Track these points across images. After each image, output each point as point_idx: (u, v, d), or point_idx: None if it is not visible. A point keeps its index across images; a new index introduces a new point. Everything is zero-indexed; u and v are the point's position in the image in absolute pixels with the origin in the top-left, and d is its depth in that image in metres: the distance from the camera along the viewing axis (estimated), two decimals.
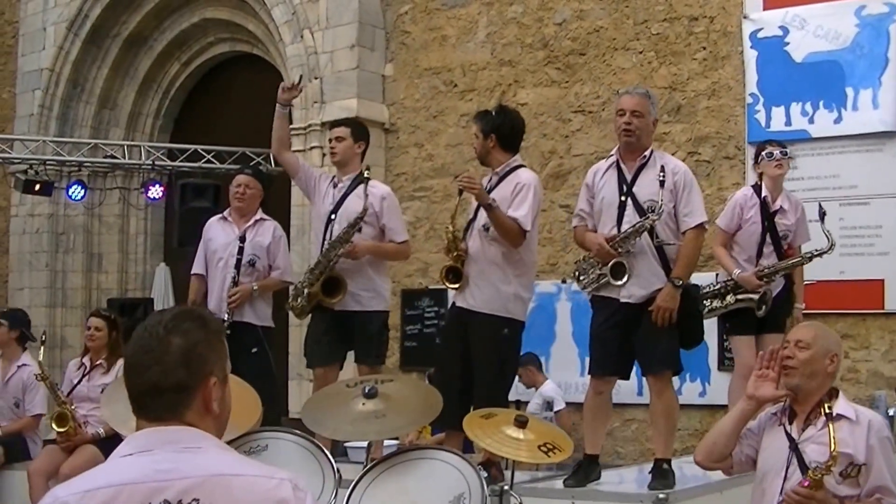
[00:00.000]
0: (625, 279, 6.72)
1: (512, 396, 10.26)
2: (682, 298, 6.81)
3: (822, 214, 8.04)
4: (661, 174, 6.71)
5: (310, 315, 8.03)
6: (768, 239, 8.05)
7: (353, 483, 4.96)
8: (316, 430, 5.20)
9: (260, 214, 8.67)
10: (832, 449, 4.41)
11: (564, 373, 11.81)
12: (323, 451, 5.09)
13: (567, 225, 10.66)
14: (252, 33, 15.52)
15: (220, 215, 8.81)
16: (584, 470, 6.83)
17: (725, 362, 10.88)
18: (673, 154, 11.44)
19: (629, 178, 6.85)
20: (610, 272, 6.77)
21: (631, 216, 6.76)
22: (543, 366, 11.90)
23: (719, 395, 10.09)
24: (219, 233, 8.61)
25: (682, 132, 11.82)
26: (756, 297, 7.97)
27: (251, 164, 14.14)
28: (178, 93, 17.03)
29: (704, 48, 11.82)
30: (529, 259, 7.34)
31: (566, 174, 12.45)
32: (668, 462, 6.67)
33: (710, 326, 8.55)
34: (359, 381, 5.37)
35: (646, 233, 6.72)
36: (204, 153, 14.76)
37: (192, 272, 8.81)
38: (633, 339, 6.82)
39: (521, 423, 5.18)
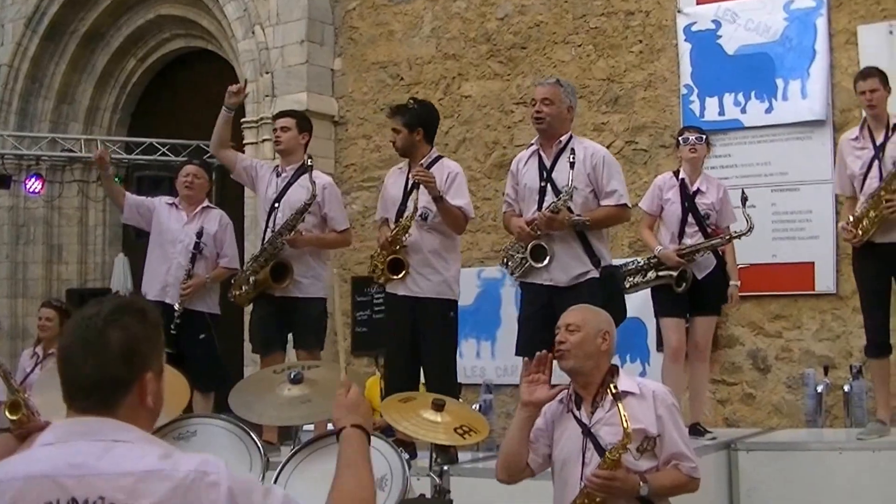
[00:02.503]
0: (545, 261, 6.97)
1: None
2: (605, 279, 7.05)
3: (744, 200, 8.16)
4: (572, 156, 6.96)
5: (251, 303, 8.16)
6: (690, 219, 8.15)
7: (280, 466, 4.87)
8: (243, 414, 5.10)
9: (206, 203, 8.79)
10: (625, 427, 4.42)
11: (509, 356, 11.90)
12: (250, 435, 4.98)
13: None
14: (206, 29, 15.64)
15: (168, 200, 8.81)
16: None
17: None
18: (611, 143, 11.85)
19: (548, 164, 7.12)
20: (530, 254, 7.03)
21: (550, 200, 7.01)
22: (489, 349, 12.21)
23: (659, 376, 10.30)
24: (168, 217, 8.60)
25: (619, 122, 12.09)
26: (675, 273, 8.06)
27: (203, 157, 14.41)
28: (135, 88, 17.14)
29: (641, 41, 12.08)
30: (459, 243, 7.64)
31: (509, 164, 12.27)
32: None
33: (649, 308, 8.69)
34: (286, 367, 5.31)
35: None
36: (159, 146, 14.98)
37: (125, 199, 8.77)
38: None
39: (439, 407, 5.01)
